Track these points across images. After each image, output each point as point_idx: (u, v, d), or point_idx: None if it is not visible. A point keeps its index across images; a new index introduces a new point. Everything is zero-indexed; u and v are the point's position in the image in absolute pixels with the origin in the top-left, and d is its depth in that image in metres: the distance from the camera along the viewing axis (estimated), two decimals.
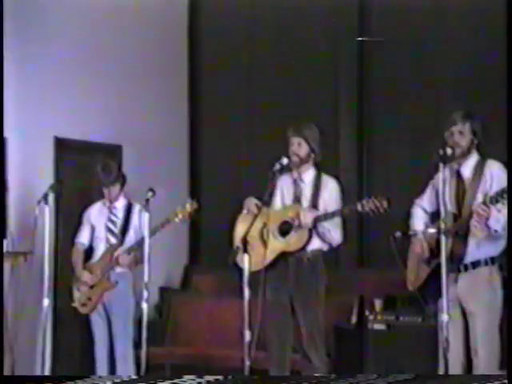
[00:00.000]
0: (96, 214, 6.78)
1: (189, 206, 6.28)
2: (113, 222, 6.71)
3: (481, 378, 4.84)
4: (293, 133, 5.89)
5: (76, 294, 6.70)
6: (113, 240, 6.67)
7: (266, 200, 5.68)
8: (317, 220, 5.74)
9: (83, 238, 6.82)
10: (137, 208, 6.64)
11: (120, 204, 6.74)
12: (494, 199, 4.96)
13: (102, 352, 6.67)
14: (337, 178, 6.07)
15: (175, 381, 4.73)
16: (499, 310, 5.21)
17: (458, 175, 5.33)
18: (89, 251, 6.83)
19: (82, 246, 6.81)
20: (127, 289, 6.60)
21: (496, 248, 5.20)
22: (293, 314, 5.88)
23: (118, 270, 6.61)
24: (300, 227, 5.75)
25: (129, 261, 6.52)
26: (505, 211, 5.02)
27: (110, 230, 6.69)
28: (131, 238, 6.63)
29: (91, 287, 6.63)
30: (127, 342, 6.57)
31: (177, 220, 6.29)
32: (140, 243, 6.18)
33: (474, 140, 5.30)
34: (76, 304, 6.69)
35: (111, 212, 6.72)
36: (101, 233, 6.73)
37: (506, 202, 4.93)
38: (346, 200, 5.96)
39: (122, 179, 6.73)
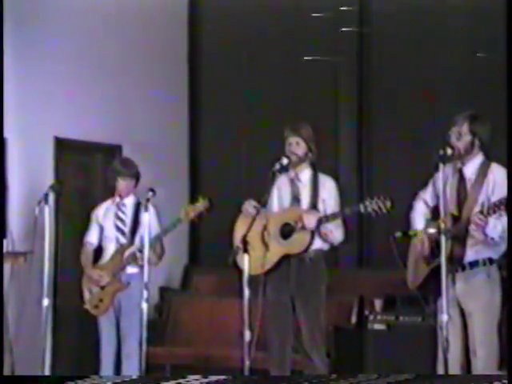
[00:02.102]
0: (104, 213, 6.73)
1: (201, 205, 6.29)
2: (121, 219, 6.64)
3: (480, 378, 4.85)
4: (290, 132, 5.91)
5: (87, 296, 6.65)
6: (122, 239, 6.62)
7: (264, 201, 5.68)
8: (320, 222, 5.75)
9: (92, 237, 6.77)
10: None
11: (129, 201, 6.69)
12: (492, 210, 4.97)
13: (107, 352, 6.64)
14: (333, 177, 6.08)
15: (179, 381, 4.74)
16: (498, 310, 5.21)
17: (461, 175, 5.32)
18: (98, 251, 6.81)
19: (91, 246, 6.77)
20: (138, 289, 6.52)
21: (495, 251, 5.20)
22: (294, 314, 5.89)
23: (129, 270, 6.58)
24: (303, 229, 5.76)
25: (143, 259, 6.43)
26: (503, 218, 5.02)
27: (119, 229, 6.64)
28: (141, 237, 6.58)
29: (102, 288, 6.60)
30: (135, 341, 6.50)
31: (189, 218, 6.30)
32: (155, 239, 6.27)
33: (475, 141, 5.27)
34: (88, 306, 6.65)
35: (119, 209, 6.66)
36: (110, 232, 6.66)
37: (503, 212, 4.94)
38: (344, 199, 5.97)
39: (138, 175, 6.71)
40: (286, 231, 5.84)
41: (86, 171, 7.86)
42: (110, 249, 6.67)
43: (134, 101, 8.23)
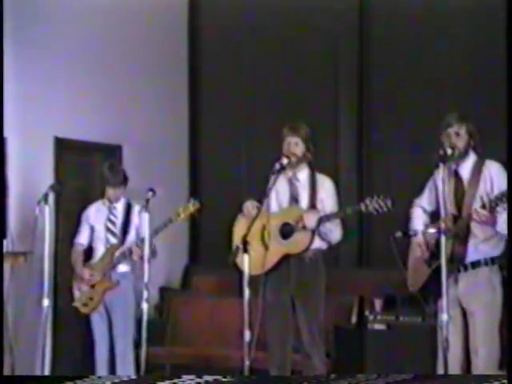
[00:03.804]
0: (95, 215, 6.80)
1: (191, 206, 6.31)
2: (112, 222, 6.72)
3: (480, 378, 4.85)
4: (289, 132, 5.90)
5: (77, 294, 6.72)
6: (113, 240, 6.68)
7: (264, 201, 5.67)
8: (321, 221, 5.75)
9: (82, 238, 6.83)
10: (136, 208, 6.66)
11: (120, 204, 6.76)
12: (494, 203, 4.98)
13: (102, 352, 6.68)
14: (333, 177, 6.08)
15: (175, 380, 4.73)
16: (499, 310, 5.21)
17: (456, 175, 5.34)
18: (89, 251, 6.84)
19: (82, 247, 6.83)
20: (128, 288, 6.61)
21: (496, 249, 5.21)
22: (293, 314, 5.88)
23: (120, 269, 6.63)
24: (303, 229, 5.76)
25: (141, 253, 6.42)
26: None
27: (109, 230, 6.71)
28: (132, 237, 6.64)
29: (92, 287, 6.65)
30: (128, 341, 6.58)
31: (179, 220, 6.32)
32: (143, 240, 6.21)
33: (471, 141, 5.32)
34: (77, 304, 6.70)
35: (111, 212, 6.74)
36: (100, 233, 6.74)
37: (505, 205, 4.94)
38: (342, 199, 5.98)
39: (125, 180, 6.75)
40: (286, 231, 5.84)
41: (85, 171, 7.85)
42: (100, 249, 6.75)
43: (134, 101, 8.23)
